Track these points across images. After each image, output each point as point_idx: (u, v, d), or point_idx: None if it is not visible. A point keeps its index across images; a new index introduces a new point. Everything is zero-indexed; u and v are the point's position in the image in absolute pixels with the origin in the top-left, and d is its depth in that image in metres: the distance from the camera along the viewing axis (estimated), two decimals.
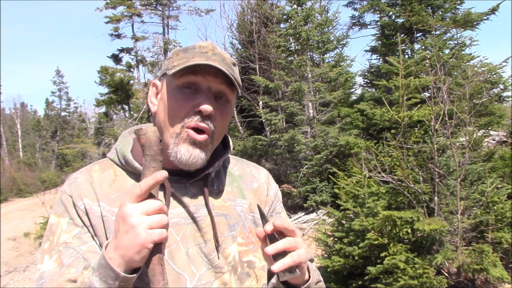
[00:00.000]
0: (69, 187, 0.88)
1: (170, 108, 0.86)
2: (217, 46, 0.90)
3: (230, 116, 0.93)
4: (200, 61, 0.82)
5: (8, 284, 7.04)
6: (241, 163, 1.06)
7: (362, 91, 10.08)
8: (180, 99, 0.85)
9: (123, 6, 15.53)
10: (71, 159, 26.50)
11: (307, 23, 8.22)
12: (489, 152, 5.14)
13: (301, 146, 7.72)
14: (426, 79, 4.88)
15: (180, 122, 0.84)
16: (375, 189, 3.95)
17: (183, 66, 0.83)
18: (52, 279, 0.78)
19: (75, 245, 0.82)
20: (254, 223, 0.95)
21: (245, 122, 11.78)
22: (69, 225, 0.84)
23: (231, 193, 0.96)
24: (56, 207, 0.88)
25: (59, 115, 35.90)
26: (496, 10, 7.35)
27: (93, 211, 0.84)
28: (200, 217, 0.88)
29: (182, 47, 0.90)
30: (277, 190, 1.07)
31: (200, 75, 0.84)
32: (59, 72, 36.49)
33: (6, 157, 32.44)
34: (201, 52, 0.86)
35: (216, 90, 0.86)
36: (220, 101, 0.88)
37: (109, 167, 0.92)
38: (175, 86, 0.86)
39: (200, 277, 0.85)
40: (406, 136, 4.06)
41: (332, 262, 3.86)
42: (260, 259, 0.92)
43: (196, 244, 0.87)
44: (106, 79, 15.51)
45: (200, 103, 0.83)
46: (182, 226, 0.87)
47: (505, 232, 3.70)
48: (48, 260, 0.82)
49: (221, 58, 0.87)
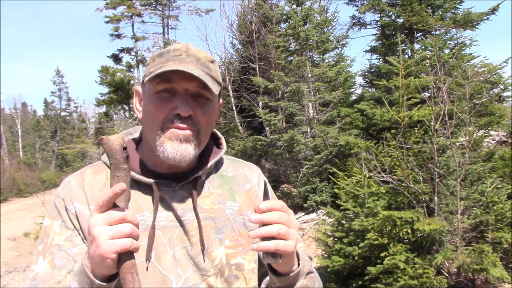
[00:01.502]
0: (62, 190, 0.91)
1: (149, 113, 0.87)
2: (191, 47, 0.90)
3: (214, 112, 0.93)
4: (173, 67, 0.83)
5: (8, 284, 7.04)
6: (235, 164, 1.06)
7: (362, 91, 10.06)
8: (157, 103, 0.86)
9: (123, 6, 15.55)
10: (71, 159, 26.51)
11: (306, 23, 8.22)
12: (489, 152, 5.14)
13: (300, 146, 7.71)
14: (426, 79, 4.87)
15: (160, 125, 0.85)
16: (375, 189, 3.95)
17: (155, 73, 0.83)
18: (44, 280, 0.81)
19: (67, 247, 0.84)
20: (244, 225, 0.96)
21: (245, 122, 11.78)
22: (61, 227, 0.86)
23: (221, 195, 0.96)
24: (50, 210, 0.90)
25: (59, 115, 35.91)
26: (496, 10, 7.34)
27: (83, 215, 0.86)
28: (187, 220, 0.89)
29: (158, 52, 0.91)
30: (268, 189, 1.06)
31: (175, 82, 0.85)
32: (59, 72, 36.54)
33: (6, 157, 32.43)
34: (175, 55, 0.86)
35: (193, 92, 0.86)
36: (200, 100, 0.88)
37: (101, 170, 0.93)
38: (152, 92, 0.87)
39: (186, 279, 0.86)
40: (406, 136, 4.06)
41: (332, 262, 3.86)
42: (249, 262, 0.93)
43: (183, 247, 0.88)
44: (107, 79, 15.52)
45: (177, 106, 0.84)
46: (170, 229, 0.88)
47: (505, 232, 3.70)
48: (42, 261, 0.84)
49: (196, 59, 0.87)
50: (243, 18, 13.08)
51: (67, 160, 28.71)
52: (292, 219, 0.77)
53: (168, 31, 16.64)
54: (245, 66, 12.03)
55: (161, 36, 16.13)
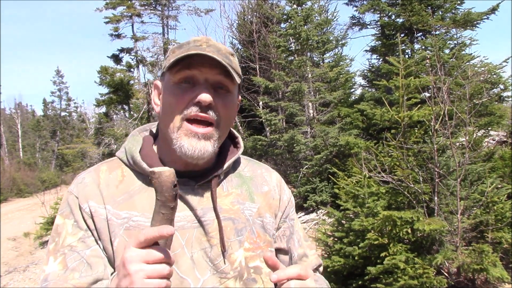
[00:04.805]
0: (76, 187, 0.87)
1: (169, 103, 0.85)
2: (211, 39, 0.89)
3: (234, 106, 0.91)
4: (194, 51, 0.81)
5: (8, 284, 7.03)
6: (252, 164, 1.04)
7: (362, 91, 10.07)
8: (178, 94, 0.84)
9: (123, 6, 15.53)
10: (71, 159, 26.51)
11: (307, 23, 8.22)
12: (489, 152, 5.14)
13: (301, 146, 7.71)
14: (426, 79, 4.87)
15: (180, 116, 0.83)
16: (375, 189, 3.95)
17: (175, 59, 0.82)
18: (56, 283, 0.79)
19: (79, 249, 0.82)
20: (263, 227, 0.93)
21: (245, 122, 11.78)
22: (73, 227, 0.84)
23: (240, 196, 0.94)
24: (62, 207, 0.87)
25: (59, 115, 35.90)
26: (496, 10, 7.35)
27: (98, 214, 0.84)
28: (207, 221, 0.86)
29: (178, 44, 0.90)
30: (291, 196, 1.04)
31: (196, 69, 0.83)
32: (59, 72, 36.51)
33: (6, 157, 32.42)
34: (195, 45, 0.85)
35: (214, 81, 0.85)
36: (221, 91, 0.86)
37: (117, 167, 0.91)
38: (172, 82, 0.85)
39: (204, 282, 0.83)
40: (406, 136, 4.06)
41: (332, 262, 3.85)
42: None
43: (202, 248, 0.85)
44: (106, 79, 15.50)
45: (197, 95, 0.82)
46: (188, 229, 0.85)
47: (505, 232, 3.70)
48: (52, 261, 0.82)
49: (216, 49, 0.85)
50: (243, 18, 13.09)
51: (67, 160, 28.72)
52: (308, 285, 0.75)
53: (168, 31, 16.63)
54: (245, 66, 12.03)
55: (160, 36, 16.12)
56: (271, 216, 0.97)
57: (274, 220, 0.98)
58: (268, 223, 0.95)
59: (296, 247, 1.01)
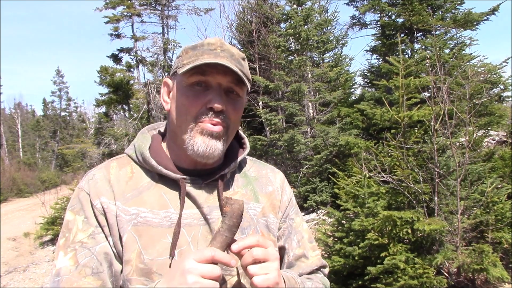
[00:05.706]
0: (87, 184, 0.89)
1: (182, 105, 0.87)
2: (225, 42, 0.90)
3: (242, 109, 0.94)
4: (209, 60, 0.83)
5: (8, 284, 7.04)
6: (258, 164, 1.06)
7: (362, 91, 10.07)
8: (191, 97, 0.86)
9: (122, 6, 15.51)
10: (71, 159, 26.54)
11: (307, 23, 8.22)
12: (489, 152, 5.14)
13: (301, 146, 7.71)
14: (426, 79, 4.87)
15: (193, 119, 0.86)
16: (375, 189, 3.95)
17: (192, 65, 0.83)
18: (69, 279, 0.81)
19: (90, 245, 0.83)
20: (267, 227, 0.96)
21: (245, 122, 11.77)
22: (84, 223, 0.85)
23: (245, 195, 0.96)
24: (73, 203, 0.88)
25: (59, 115, 35.90)
26: (496, 10, 7.35)
27: (110, 210, 0.85)
28: (213, 219, 0.88)
29: (191, 45, 0.91)
30: (291, 196, 1.06)
31: (209, 75, 0.85)
32: (59, 72, 36.52)
33: (6, 157, 32.41)
34: (210, 49, 0.86)
35: (226, 87, 0.87)
36: (231, 96, 0.89)
37: (126, 163, 0.93)
38: (185, 84, 0.87)
39: None
40: (406, 136, 4.06)
41: (332, 262, 3.85)
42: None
43: (207, 246, 0.87)
44: (106, 79, 15.49)
45: (211, 99, 0.84)
46: (194, 227, 0.87)
47: (505, 232, 3.70)
48: (63, 256, 0.83)
49: (230, 54, 0.87)
50: (243, 18, 13.08)
51: (67, 160, 28.75)
52: (269, 252, 0.78)
53: (168, 31, 16.61)
54: None
55: (160, 36, 16.10)
56: (275, 216, 0.99)
57: (277, 220, 1.00)
58: (272, 223, 0.97)
59: (294, 247, 1.02)
